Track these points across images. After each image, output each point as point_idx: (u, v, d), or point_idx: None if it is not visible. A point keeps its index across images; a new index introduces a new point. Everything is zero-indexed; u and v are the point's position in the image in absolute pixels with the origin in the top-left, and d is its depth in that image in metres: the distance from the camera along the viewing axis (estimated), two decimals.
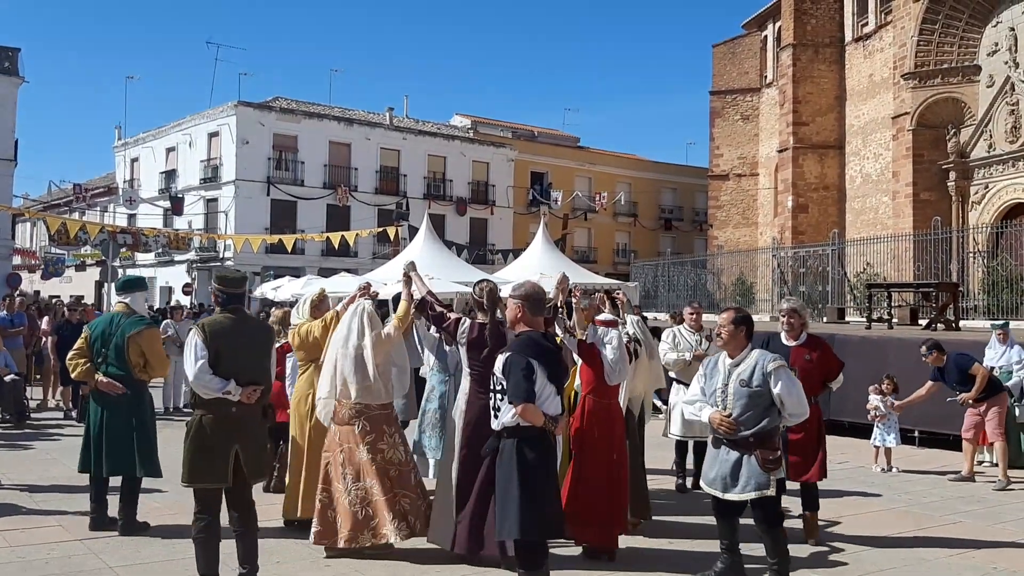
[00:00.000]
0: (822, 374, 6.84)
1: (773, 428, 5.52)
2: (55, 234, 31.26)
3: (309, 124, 42.42)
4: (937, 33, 28.55)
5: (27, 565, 5.86)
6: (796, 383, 5.55)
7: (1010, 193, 26.60)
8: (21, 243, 50.21)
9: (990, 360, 10.38)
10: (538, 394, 4.81)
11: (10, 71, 34.63)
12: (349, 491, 6.08)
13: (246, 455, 5.35)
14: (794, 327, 6.95)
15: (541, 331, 5.20)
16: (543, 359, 4.89)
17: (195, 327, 5.52)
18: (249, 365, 5.40)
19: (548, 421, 4.86)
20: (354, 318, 6.27)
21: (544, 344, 5.02)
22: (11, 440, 11.09)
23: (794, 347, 6.88)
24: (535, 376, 4.80)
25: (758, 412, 5.47)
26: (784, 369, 5.54)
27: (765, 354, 5.63)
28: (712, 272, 28.48)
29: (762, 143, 41.93)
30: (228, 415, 5.30)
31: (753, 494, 5.45)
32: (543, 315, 5.32)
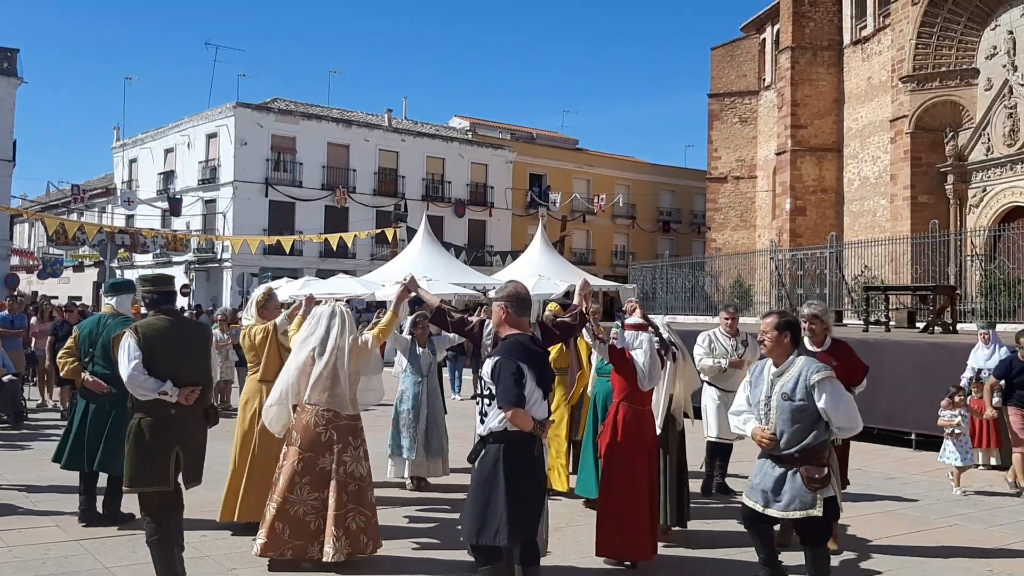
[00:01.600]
0: (848, 380, 6.35)
1: (820, 444, 5.10)
2: (53, 235, 31.30)
3: (308, 125, 42.43)
4: (935, 36, 28.60)
5: (24, 565, 5.85)
6: (844, 395, 5.16)
7: (1008, 196, 26.64)
8: (19, 244, 50.24)
9: (977, 362, 10.42)
10: (527, 398, 4.74)
11: (9, 72, 34.69)
12: (304, 501, 5.78)
13: (186, 458, 5.32)
14: (816, 333, 6.69)
15: (528, 334, 5.06)
16: (532, 363, 4.81)
17: (128, 329, 5.47)
18: (186, 366, 5.37)
19: (537, 426, 4.80)
20: (332, 319, 6.00)
21: (532, 347, 4.94)
22: (9, 440, 11.08)
23: (819, 353, 6.46)
24: (525, 380, 4.72)
25: (803, 427, 5.08)
26: (830, 380, 5.09)
27: (811, 363, 5.17)
28: (710, 274, 28.49)
29: (760, 146, 41.97)
30: (167, 417, 5.25)
31: (797, 514, 5.06)
32: (528, 316, 5.16)
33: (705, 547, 6.64)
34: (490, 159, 48.19)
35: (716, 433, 8.41)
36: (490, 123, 53.31)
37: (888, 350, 12.21)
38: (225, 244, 37.89)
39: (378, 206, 42.95)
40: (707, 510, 7.81)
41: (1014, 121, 26.10)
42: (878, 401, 11.38)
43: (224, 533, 6.67)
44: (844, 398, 5.13)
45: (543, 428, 4.88)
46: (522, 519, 4.75)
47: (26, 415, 12.79)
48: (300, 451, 5.82)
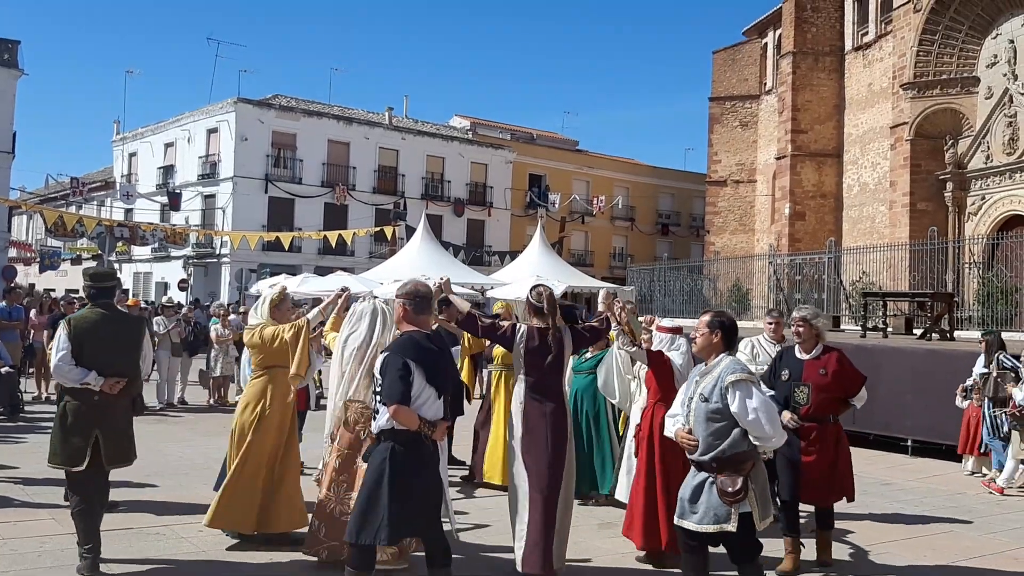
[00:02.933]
0: (841, 390, 6.26)
1: (738, 454, 4.71)
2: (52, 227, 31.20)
3: (308, 122, 42.42)
4: (937, 44, 28.65)
5: (19, 558, 5.86)
6: (760, 400, 4.72)
7: (1007, 204, 26.69)
8: (18, 236, 50.16)
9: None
10: (415, 396, 4.72)
11: (9, 63, 34.62)
12: (342, 500, 5.74)
13: (106, 441, 5.65)
14: (804, 338, 6.37)
15: (427, 331, 5.03)
16: (423, 360, 4.77)
17: (63, 321, 5.89)
18: (114, 358, 5.71)
19: (424, 425, 4.74)
20: (374, 316, 5.97)
21: (426, 345, 4.87)
22: (5, 433, 11.08)
23: (807, 360, 6.33)
24: (412, 378, 4.69)
25: (718, 432, 4.74)
26: (746, 384, 4.73)
27: (733, 364, 4.88)
28: (708, 278, 28.49)
29: (760, 150, 42.01)
30: (90, 403, 5.63)
31: (711, 527, 4.71)
32: (428, 314, 5.18)
33: None
34: (490, 159, 48.20)
35: None
36: (490, 123, 53.33)
37: (885, 356, 12.22)
38: (224, 239, 37.86)
39: (377, 204, 42.93)
40: None
41: (1014, 130, 26.14)
42: (874, 407, 11.35)
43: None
44: (759, 403, 4.72)
45: (433, 428, 4.80)
46: (407, 520, 4.70)
47: (23, 407, 12.78)
48: (339, 449, 5.81)
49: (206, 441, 10.66)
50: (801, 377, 6.25)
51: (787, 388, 6.29)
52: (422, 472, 4.77)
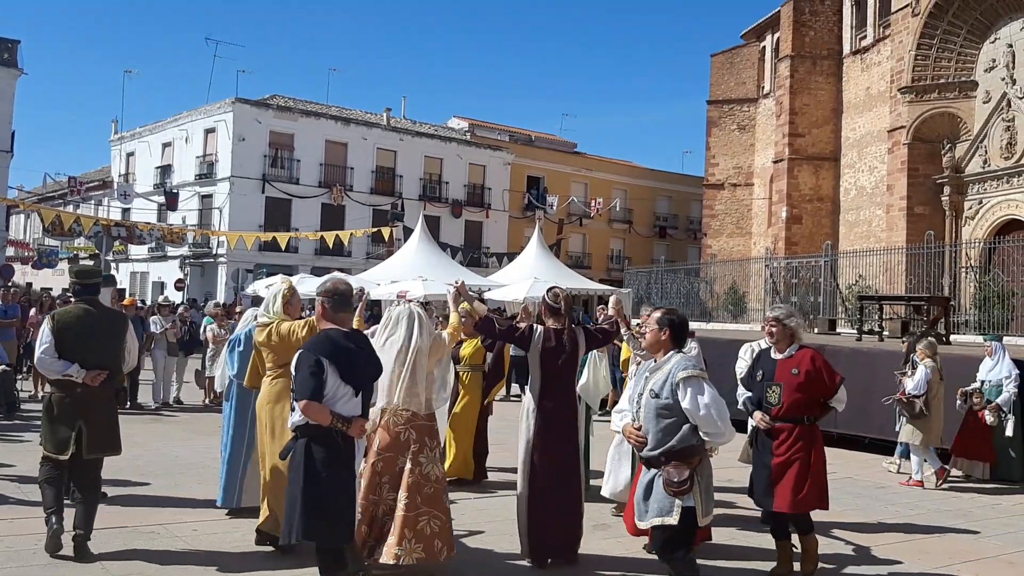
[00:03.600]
0: (815, 391, 6.05)
1: (687, 448, 4.77)
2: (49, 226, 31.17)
3: (306, 123, 42.41)
4: (935, 48, 28.70)
5: (15, 555, 5.86)
6: (710, 397, 4.74)
7: (1004, 209, 26.73)
8: (15, 234, 50.07)
9: (981, 374, 10.44)
10: (329, 393, 4.78)
11: (9, 63, 34.64)
12: (385, 500, 5.74)
13: (89, 431, 5.95)
14: (777, 338, 6.20)
15: (345, 329, 5.08)
16: (336, 358, 4.82)
17: (47, 317, 6.22)
18: (96, 351, 6.01)
19: (337, 421, 4.78)
20: (411, 320, 5.96)
21: (342, 343, 4.91)
22: (1, 431, 11.06)
23: (780, 360, 6.16)
24: (325, 375, 4.74)
25: (668, 428, 4.79)
26: (697, 380, 4.77)
27: (684, 360, 4.91)
28: (705, 280, 28.51)
29: (758, 153, 42.05)
30: (74, 394, 5.95)
31: (655, 521, 4.77)
32: (348, 312, 5.24)
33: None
34: (488, 160, 48.21)
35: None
36: (489, 124, 53.36)
37: (881, 359, 12.22)
38: (221, 239, 37.83)
39: (375, 205, 42.92)
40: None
41: (1011, 134, 26.19)
42: (870, 411, 11.40)
43: (215, 526, 6.68)
44: (710, 399, 4.73)
45: (348, 424, 4.83)
46: (322, 516, 4.75)
47: (19, 405, 12.76)
48: (380, 451, 5.79)
49: (201, 440, 10.66)
50: (774, 377, 6.08)
51: (760, 389, 6.16)
52: (338, 468, 4.82)
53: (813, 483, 5.96)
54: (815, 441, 6.07)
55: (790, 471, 5.94)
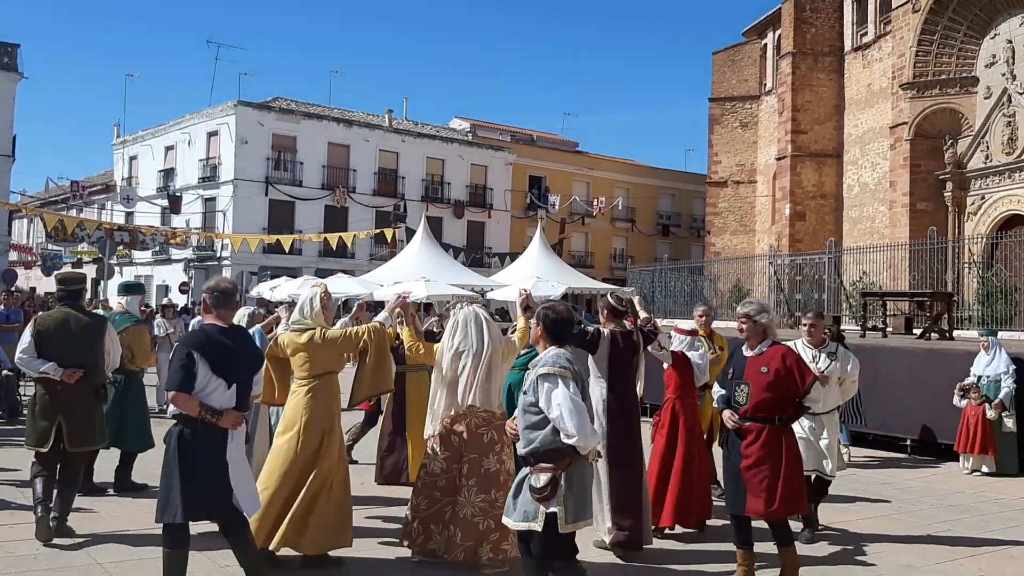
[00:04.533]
0: (785, 390, 5.79)
1: (553, 450, 4.57)
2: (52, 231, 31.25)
3: (308, 125, 42.47)
4: (936, 44, 28.64)
5: (15, 560, 5.87)
6: (565, 396, 4.54)
7: (1006, 204, 26.68)
8: (18, 239, 50.21)
9: (977, 369, 10.44)
10: (201, 385, 4.95)
11: (9, 67, 34.71)
12: (472, 503, 5.86)
13: (68, 426, 6.44)
14: (748, 335, 5.97)
15: (223, 325, 5.21)
16: (208, 352, 4.99)
17: (32, 320, 6.84)
18: (73, 351, 6.51)
19: (206, 411, 4.93)
20: (479, 322, 6.10)
21: (216, 338, 5.09)
22: (3, 435, 11.09)
23: (750, 358, 5.94)
24: (196, 367, 4.92)
25: (532, 426, 4.66)
26: (554, 377, 4.59)
27: (551, 357, 4.74)
28: (709, 279, 28.48)
29: (760, 151, 42.00)
30: (54, 391, 6.49)
31: (521, 525, 4.65)
32: (229, 309, 5.34)
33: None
34: (490, 161, 48.23)
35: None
36: (490, 125, 53.38)
37: (885, 356, 12.23)
38: (224, 242, 37.88)
39: (377, 206, 42.97)
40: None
41: (1013, 129, 26.14)
42: (874, 406, 11.41)
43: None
44: (563, 399, 4.54)
45: (218, 415, 4.97)
46: (198, 499, 4.92)
47: (22, 410, 12.78)
48: (465, 453, 5.92)
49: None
50: (742, 376, 5.89)
51: (731, 387, 5.98)
52: (210, 455, 4.99)
53: (786, 487, 5.69)
54: (785, 442, 5.80)
55: (759, 474, 5.69)
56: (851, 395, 7.43)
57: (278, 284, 27.97)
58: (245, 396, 5.21)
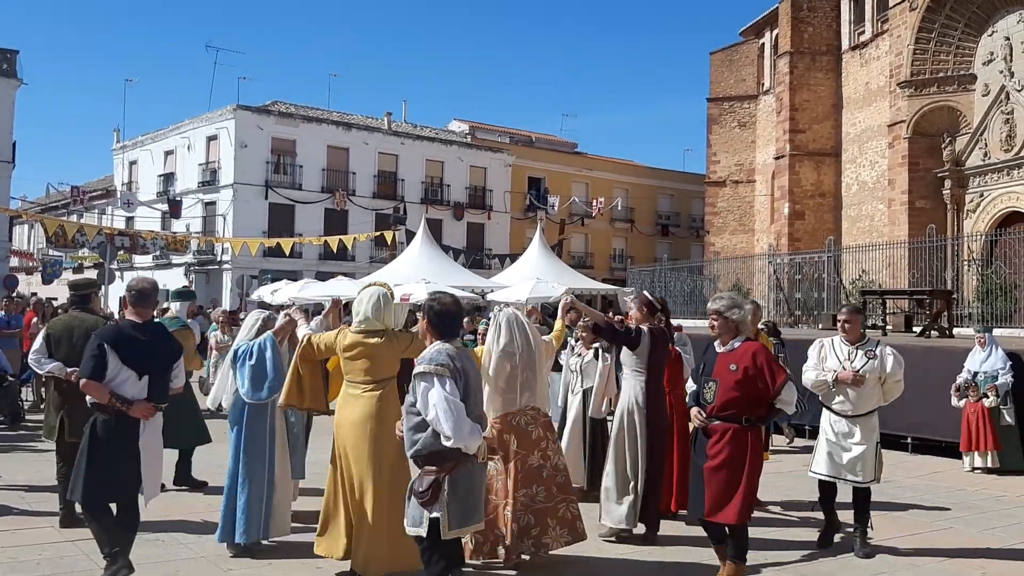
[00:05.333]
0: (754, 389, 5.56)
1: (435, 452, 4.44)
2: (53, 236, 31.26)
3: (307, 128, 42.48)
4: (933, 42, 28.67)
5: (18, 565, 5.88)
6: (440, 396, 4.37)
7: (1005, 201, 26.69)
8: (19, 245, 50.24)
9: (973, 365, 10.46)
10: (111, 375, 5.31)
11: (8, 73, 34.73)
12: (516, 498, 5.89)
13: (68, 421, 6.86)
14: (719, 331, 5.80)
15: (137, 320, 5.60)
16: (118, 345, 5.36)
17: (46, 325, 7.52)
18: (78, 352, 6.45)
19: (116, 400, 5.29)
20: (524, 326, 6.12)
21: (128, 332, 5.50)
22: (6, 441, 11.10)
23: (720, 355, 5.75)
24: (106, 359, 5.28)
25: (416, 427, 4.52)
26: (430, 376, 4.42)
27: (431, 354, 4.59)
28: (708, 278, 28.51)
29: (759, 150, 42.03)
30: (60, 388, 7.03)
31: (410, 530, 4.59)
32: (146, 307, 5.71)
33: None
34: (489, 162, 48.23)
35: (813, 467, 6.87)
36: (489, 126, 53.37)
37: None
38: (225, 246, 37.90)
39: (377, 209, 42.99)
40: None
41: (1011, 126, 26.15)
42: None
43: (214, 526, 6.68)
44: (438, 399, 4.37)
45: (128, 404, 5.31)
46: (100, 485, 5.27)
47: (23, 416, 12.79)
48: (516, 451, 5.98)
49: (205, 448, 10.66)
50: (712, 372, 5.71)
51: (700, 383, 5.84)
52: (118, 444, 5.33)
53: (745, 495, 5.49)
54: (751, 446, 5.56)
55: (720, 478, 5.52)
56: (895, 395, 6.72)
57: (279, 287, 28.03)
58: (159, 388, 5.53)
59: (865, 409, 6.62)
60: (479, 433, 4.49)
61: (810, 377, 6.77)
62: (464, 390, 4.48)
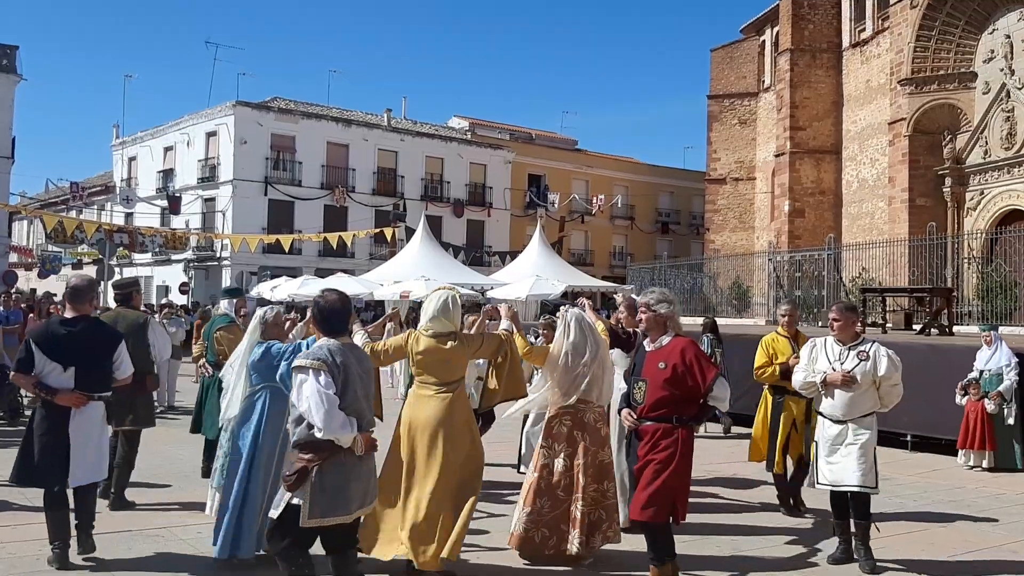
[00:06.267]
0: (684, 387, 5.31)
1: (310, 441, 4.49)
2: (52, 232, 31.26)
3: (307, 124, 42.44)
4: (934, 39, 28.63)
5: (17, 561, 5.88)
6: (314, 390, 4.43)
7: (1005, 199, 26.67)
8: (18, 241, 50.19)
9: (979, 363, 10.44)
10: (39, 368, 5.75)
11: (8, 69, 34.63)
12: (586, 495, 6.00)
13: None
14: (648, 326, 5.51)
15: (69, 316, 6.00)
16: (43, 340, 5.81)
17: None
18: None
19: (40, 389, 5.76)
20: (590, 325, 6.40)
21: (54, 329, 5.97)
22: (4, 437, 11.08)
23: (649, 353, 5.48)
24: (32, 353, 5.75)
25: (297, 419, 4.61)
26: (307, 370, 4.51)
27: (314, 348, 4.70)
28: (708, 276, 28.53)
29: (759, 147, 41.99)
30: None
31: (272, 512, 4.67)
32: (82, 303, 6.07)
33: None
34: (489, 159, 48.20)
35: (817, 479, 6.43)
36: (489, 123, 53.33)
37: None
38: (224, 242, 37.90)
39: (377, 206, 42.96)
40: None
41: (1011, 124, 26.13)
42: None
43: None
44: (311, 392, 4.44)
45: (52, 393, 5.74)
46: (27, 469, 5.75)
47: (23, 411, 12.78)
48: (587, 448, 6.12)
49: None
50: (642, 372, 5.46)
51: (631, 384, 5.61)
52: (47, 431, 5.79)
53: (664, 491, 5.24)
54: (680, 445, 5.31)
55: (646, 478, 5.28)
56: (892, 400, 6.37)
57: (278, 284, 28.06)
58: (90, 379, 5.90)
59: (857, 413, 6.22)
60: (351, 427, 4.52)
61: (799, 378, 6.44)
62: (343, 385, 4.54)
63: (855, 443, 6.15)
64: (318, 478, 4.48)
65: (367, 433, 4.67)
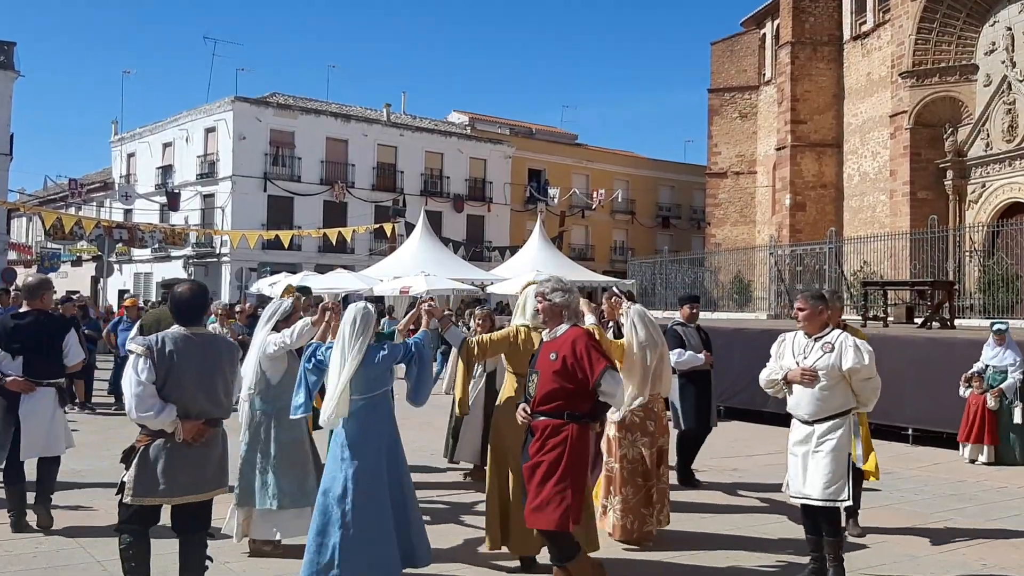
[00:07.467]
0: (574, 380, 4.93)
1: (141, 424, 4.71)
2: (51, 229, 31.22)
3: (306, 120, 42.36)
4: (935, 32, 28.56)
5: (14, 559, 5.85)
6: (130, 377, 4.57)
7: (1007, 192, 26.61)
8: (17, 238, 50.15)
9: (985, 359, 10.37)
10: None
11: (5, 65, 34.61)
12: (660, 480, 6.63)
13: None
14: (544, 316, 5.23)
15: (23, 310, 6.62)
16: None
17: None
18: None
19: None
20: (652, 321, 6.75)
21: (6, 322, 6.53)
22: None
23: (544, 344, 5.18)
24: None
25: None
26: (135, 356, 4.64)
27: (151, 336, 4.75)
28: (710, 270, 28.46)
29: (760, 141, 41.93)
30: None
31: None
32: (30, 298, 6.68)
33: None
34: (489, 154, 48.13)
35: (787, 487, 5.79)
36: (489, 118, 53.24)
37: (886, 345, 12.14)
38: (224, 239, 37.86)
39: (376, 201, 42.90)
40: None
41: (1013, 117, 26.06)
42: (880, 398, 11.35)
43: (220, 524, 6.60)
44: (129, 379, 4.62)
45: (2, 379, 6.30)
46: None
47: None
48: (656, 436, 6.66)
49: None
50: (535, 364, 5.15)
51: (527, 377, 5.28)
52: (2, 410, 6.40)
53: (549, 496, 4.86)
54: (570, 444, 4.91)
55: (536, 479, 4.94)
56: (870, 397, 5.59)
57: (278, 280, 27.98)
58: (39, 366, 6.48)
59: (826, 413, 5.47)
60: (168, 414, 4.56)
61: (763, 376, 5.82)
62: (165, 373, 4.59)
63: (820, 450, 5.44)
64: (140, 459, 4.63)
65: (195, 422, 4.64)
